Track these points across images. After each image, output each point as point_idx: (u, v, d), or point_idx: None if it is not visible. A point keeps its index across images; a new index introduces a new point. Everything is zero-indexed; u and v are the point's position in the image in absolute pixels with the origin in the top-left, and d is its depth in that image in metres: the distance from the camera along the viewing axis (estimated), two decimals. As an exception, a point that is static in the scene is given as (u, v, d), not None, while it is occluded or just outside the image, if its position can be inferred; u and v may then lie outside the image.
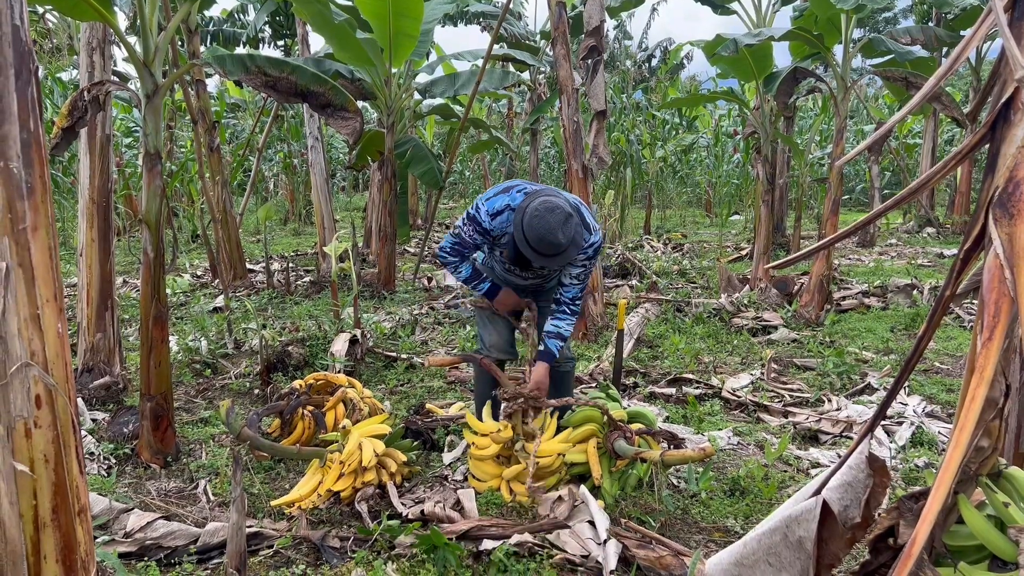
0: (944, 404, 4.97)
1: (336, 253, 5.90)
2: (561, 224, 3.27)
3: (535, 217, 3.29)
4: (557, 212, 3.28)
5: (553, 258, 3.37)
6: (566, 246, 3.33)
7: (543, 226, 3.27)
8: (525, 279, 3.88)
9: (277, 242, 14.56)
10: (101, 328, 4.78)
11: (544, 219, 3.27)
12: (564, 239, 3.29)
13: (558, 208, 3.29)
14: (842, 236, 1.93)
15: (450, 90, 8.73)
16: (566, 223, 3.29)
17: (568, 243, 3.32)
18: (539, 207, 3.31)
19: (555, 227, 3.26)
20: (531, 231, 3.30)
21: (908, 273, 9.42)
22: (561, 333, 3.74)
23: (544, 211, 3.28)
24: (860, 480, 1.87)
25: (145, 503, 3.59)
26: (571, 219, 3.32)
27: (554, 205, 3.30)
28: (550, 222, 3.26)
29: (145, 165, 3.74)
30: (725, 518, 3.47)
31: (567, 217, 3.30)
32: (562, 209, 3.29)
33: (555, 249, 3.31)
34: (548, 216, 3.27)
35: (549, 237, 3.27)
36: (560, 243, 3.29)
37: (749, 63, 7.88)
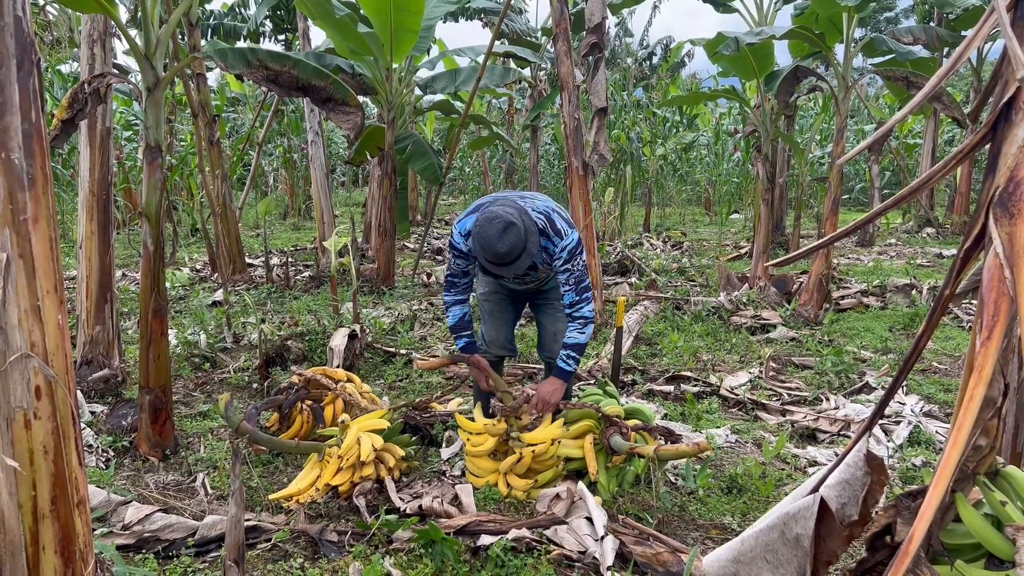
0: (942, 404, 4.98)
1: (336, 248, 5.90)
2: (499, 234, 3.31)
3: (478, 229, 3.36)
4: (496, 222, 3.32)
5: (507, 266, 3.41)
6: (513, 254, 3.35)
7: (483, 237, 3.33)
8: (520, 284, 3.91)
9: (276, 237, 14.56)
10: (100, 321, 4.78)
11: (483, 230, 3.33)
12: (504, 247, 3.31)
13: (497, 218, 3.32)
14: (841, 235, 1.94)
15: (451, 86, 8.73)
16: (505, 232, 3.31)
17: (512, 250, 3.33)
18: (481, 219, 3.37)
19: (493, 237, 3.31)
20: (476, 244, 3.38)
21: (907, 273, 9.42)
22: (578, 343, 3.67)
23: (484, 222, 3.35)
24: (858, 478, 1.88)
25: (143, 496, 3.60)
26: (512, 228, 3.32)
27: (495, 215, 3.33)
28: (489, 233, 3.32)
29: (145, 158, 3.74)
30: (722, 515, 3.48)
31: (507, 226, 3.31)
32: (502, 218, 3.32)
33: (502, 259, 3.35)
34: (487, 227, 3.33)
35: (491, 247, 3.32)
36: (501, 252, 3.32)
37: (750, 61, 7.88)
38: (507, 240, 3.32)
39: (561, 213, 3.67)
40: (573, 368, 3.69)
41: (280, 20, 13.34)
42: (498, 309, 4.06)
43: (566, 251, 3.57)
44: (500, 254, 3.33)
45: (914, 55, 7.33)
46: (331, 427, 4.12)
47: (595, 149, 6.66)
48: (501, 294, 4.05)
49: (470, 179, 23.35)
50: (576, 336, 3.66)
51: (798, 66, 7.59)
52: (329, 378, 4.44)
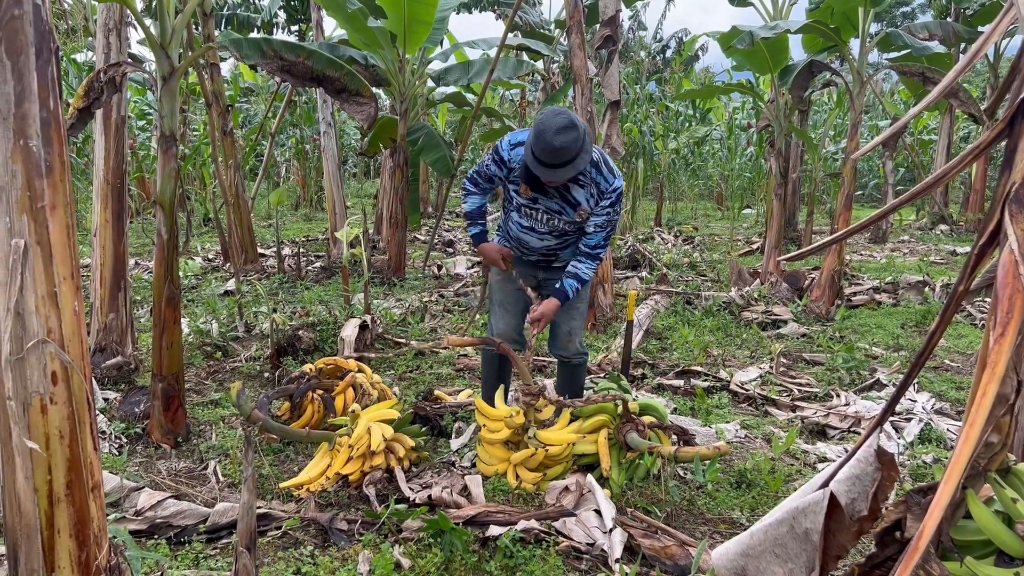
0: (953, 401, 4.96)
1: (347, 239, 5.91)
2: (562, 127, 3.22)
3: (539, 123, 3.29)
4: (561, 116, 3.26)
5: (556, 168, 3.30)
6: (567, 154, 3.24)
7: (544, 125, 3.25)
8: (540, 239, 3.83)
9: (288, 227, 14.60)
10: (114, 308, 4.82)
11: (546, 119, 3.26)
12: (560, 142, 3.21)
13: (563, 114, 3.27)
14: (855, 230, 1.93)
15: (464, 78, 8.71)
16: (568, 129, 3.22)
17: (567, 146, 3.23)
18: (544, 117, 3.29)
19: (554, 128, 3.22)
20: (537, 141, 3.27)
21: (920, 270, 9.36)
22: (580, 275, 3.74)
23: (550, 114, 3.29)
24: (868, 473, 1.88)
25: (156, 482, 3.63)
26: (575, 128, 3.24)
27: (562, 111, 3.29)
28: (551, 123, 3.23)
29: (160, 147, 3.76)
30: (731, 510, 3.48)
31: (571, 123, 3.24)
32: (568, 115, 3.26)
33: (555, 155, 3.24)
34: (552, 118, 3.25)
35: (548, 136, 3.21)
36: (556, 146, 3.21)
37: (765, 56, 7.84)
38: (567, 136, 3.22)
39: (609, 159, 3.67)
40: (572, 294, 3.78)
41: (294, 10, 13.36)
42: (509, 299, 4.03)
43: (616, 193, 3.58)
44: (555, 148, 3.22)
45: (930, 50, 7.27)
46: (342, 416, 4.15)
47: (608, 142, 6.64)
48: (513, 286, 4.00)
49: (481, 172, 23.34)
50: (589, 272, 3.76)
51: (813, 61, 7.54)
52: (340, 368, 4.47)
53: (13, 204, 1.84)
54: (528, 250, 3.94)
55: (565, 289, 3.75)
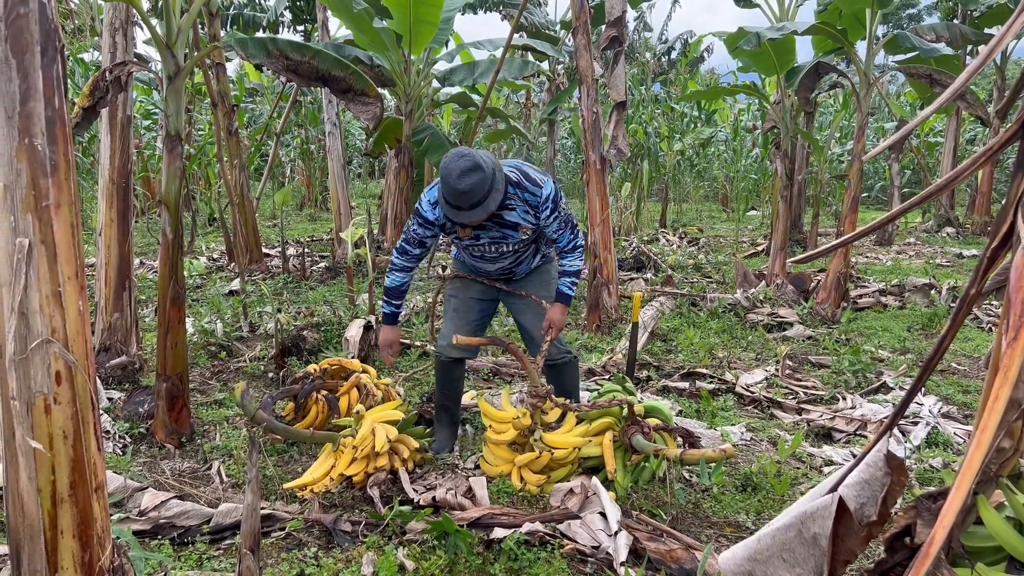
0: (960, 405, 4.93)
1: (352, 239, 5.91)
2: (464, 171, 3.20)
3: (443, 168, 3.27)
4: (464, 158, 3.24)
5: (467, 211, 3.28)
6: (474, 196, 3.23)
7: (446, 169, 3.24)
8: (493, 262, 3.82)
9: (293, 227, 14.61)
10: (118, 308, 4.82)
11: (449, 163, 3.25)
12: (465, 186, 3.19)
13: (466, 155, 3.25)
14: (862, 234, 1.91)
15: (469, 79, 8.70)
16: (471, 171, 3.21)
17: (473, 190, 3.21)
18: (450, 155, 3.29)
19: (456, 171, 3.21)
20: (443, 182, 3.26)
21: (926, 272, 9.32)
22: (570, 270, 3.78)
23: (452, 156, 3.27)
24: (877, 478, 1.86)
25: (159, 482, 3.62)
26: (478, 169, 3.22)
27: (464, 152, 3.27)
28: (453, 169, 3.22)
29: (165, 146, 3.75)
30: (737, 513, 3.46)
31: (474, 165, 3.22)
32: (470, 156, 3.25)
33: (463, 199, 3.23)
34: (453, 161, 3.24)
35: (455, 184, 3.20)
36: (462, 191, 3.20)
37: (771, 57, 7.82)
38: (471, 178, 3.21)
39: (531, 166, 3.64)
40: (573, 292, 3.82)
41: (299, 11, 13.36)
42: (463, 307, 3.98)
43: (550, 200, 3.55)
44: (459, 192, 3.21)
45: (938, 52, 7.24)
46: (346, 417, 4.14)
47: (613, 143, 6.63)
48: (470, 294, 3.97)
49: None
50: (576, 264, 3.79)
51: (819, 62, 7.52)
52: (344, 369, 4.46)
53: (18, 203, 1.84)
54: (486, 273, 3.94)
55: (564, 291, 3.80)
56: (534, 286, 3.97)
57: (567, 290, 3.80)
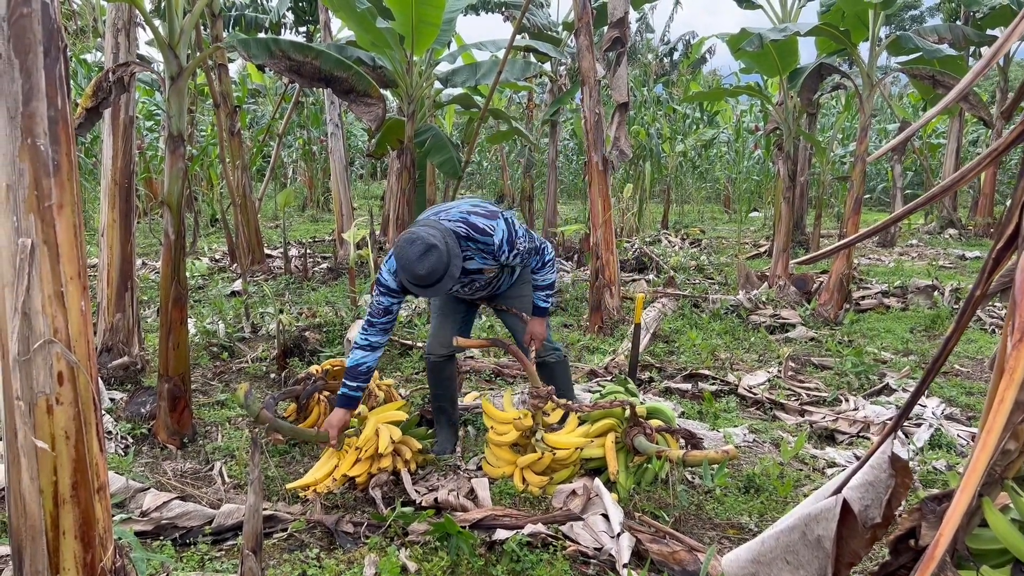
0: (964, 407, 4.92)
1: (354, 240, 5.90)
2: (419, 256, 3.25)
3: (398, 251, 3.32)
4: (416, 244, 3.26)
5: (429, 288, 3.34)
6: (434, 276, 3.27)
7: (403, 258, 3.29)
8: (470, 293, 3.87)
9: (295, 228, 14.62)
10: (120, 308, 4.82)
11: (403, 252, 3.29)
12: (423, 269, 3.24)
13: (418, 239, 3.26)
14: (866, 235, 1.91)
15: (471, 80, 8.69)
16: (426, 254, 3.24)
17: (433, 271, 3.26)
18: (402, 241, 3.32)
19: (413, 259, 3.25)
20: (401, 267, 3.31)
21: (929, 274, 9.31)
22: (542, 285, 3.86)
23: (404, 244, 3.30)
24: (882, 480, 1.85)
25: (161, 483, 3.62)
26: (433, 250, 3.25)
27: (415, 236, 3.28)
28: (408, 254, 3.27)
29: (168, 147, 3.75)
30: (739, 515, 3.45)
31: (427, 248, 3.25)
32: (423, 240, 3.26)
33: (422, 280, 3.29)
34: (407, 249, 3.28)
35: (410, 268, 3.26)
36: (420, 274, 3.26)
37: (774, 58, 7.81)
38: (427, 262, 3.25)
39: (478, 210, 3.57)
40: (549, 304, 3.92)
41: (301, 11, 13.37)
42: (448, 306, 4.03)
43: (505, 243, 3.52)
44: (420, 276, 3.26)
45: (941, 53, 7.24)
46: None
47: (615, 144, 6.63)
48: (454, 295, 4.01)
49: (488, 174, 23.33)
50: (550, 277, 3.86)
51: (822, 63, 7.51)
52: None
53: (20, 203, 1.84)
54: (463, 296, 3.97)
55: (541, 306, 3.90)
56: (515, 300, 4.00)
57: (543, 303, 3.90)
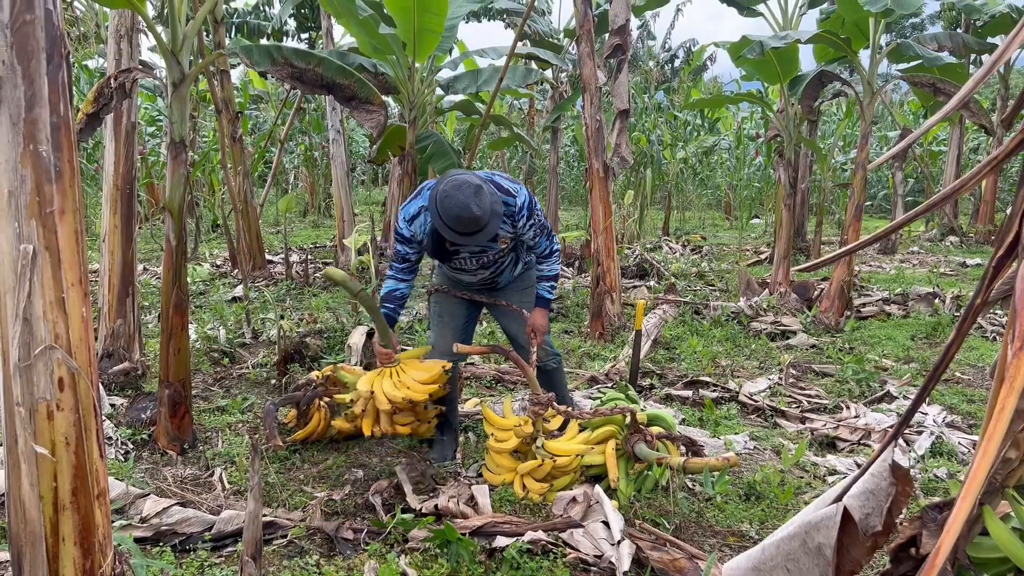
0: (965, 415, 4.91)
1: (356, 246, 5.90)
2: (473, 196, 3.20)
3: (445, 197, 3.23)
4: (466, 187, 3.22)
5: (476, 235, 3.30)
6: (485, 218, 3.24)
7: (455, 204, 3.20)
8: (473, 274, 3.83)
9: (296, 234, 14.63)
10: (122, 314, 4.82)
11: (453, 197, 3.21)
12: (479, 210, 3.21)
13: (465, 184, 3.23)
14: (869, 242, 1.91)
15: (473, 86, 8.71)
16: (478, 194, 3.22)
17: (485, 214, 3.24)
18: (447, 187, 3.25)
19: (466, 201, 3.19)
20: (446, 212, 3.24)
21: (930, 281, 9.31)
22: (548, 275, 3.85)
23: (452, 189, 3.23)
24: (882, 488, 1.85)
25: (161, 489, 3.61)
26: (482, 189, 3.24)
27: (461, 181, 3.24)
28: (460, 199, 3.20)
29: (170, 153, 3.76)
30: (740, 522, 3.45)
31: (477, 188, 3.22)
32: (469, 182, 3.23)
33: (475, 225, 3.24)
34: (457, 193, 3.21)
35: (464, 213, 3.20)
36: (477, 215, 3.21)
37: (775, 65, 7.82)
38: (481, 202, 3.22)
39: (501, 175, 3.63)
40: (552, 296, 3.91)
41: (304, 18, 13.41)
42: (447, 313, 4.01)
43: (525, 207, 3.54)
44: (473, 218, 3.21)
45: (942, 61, 7.25)
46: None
47: (617, 151, 6.63)
48: (454, 299, 4.00)
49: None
50: (555, 268, 3.86)
51: (823, 71, 7.52)
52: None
53: (22, 209, 1.84)
54: (466, 285, 3.96)
55: (545, 296, 3.88)
56: (515, 295, 4.00)
57: (547, 294, 3.88)
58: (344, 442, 4.30)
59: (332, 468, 3.98)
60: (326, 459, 4.09)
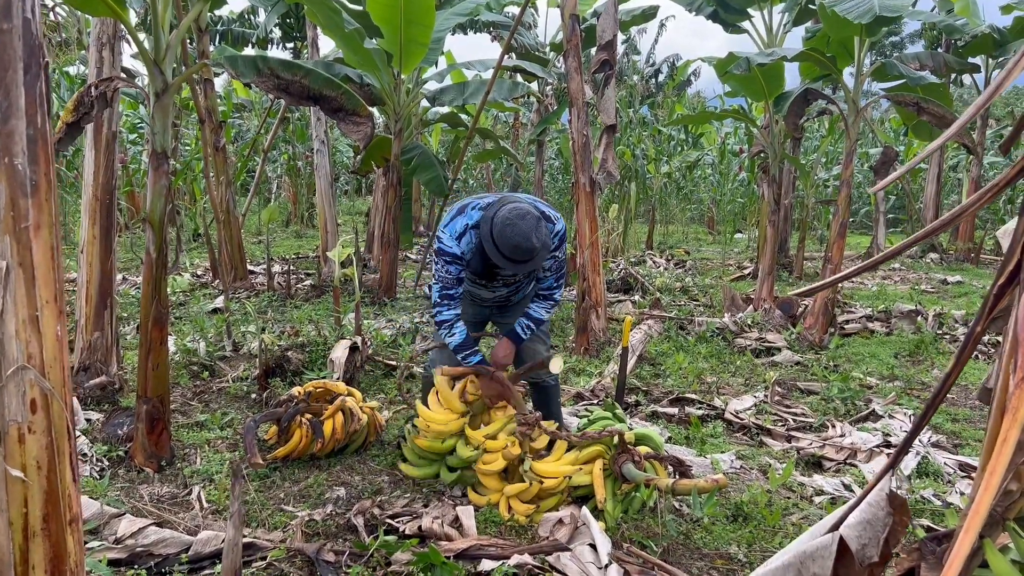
0: (950, 434, 4.91)
1: (339, 258, 5.83)
2: (534, 229, 3.35)
3: (508, 225, 3.34)
4: (528, 218, 3.35)
5: (527, 263, 3.44)
6: (539, 249, 3.39)
7: (517, 234, 3.32)
8: (493, 291, 3.88)
9: (278, 244, 14.50)
10: (99, 327, 4.72)
11: (517, 227, 3.32)
12: (538, 243, 3.36)
13: (528, 214, 3.36)
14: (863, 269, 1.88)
15: (459, 99, 8.69)
16: (538, 227, 3.37)
17: (541, 246, 3.39)
18: (509, 215, 3.35)
19: (529, 233, 3.33)
20: (504, 240, 3.34)
21: (911, 299, 9.34)
22: (533, 316, 3.84)
23: (515, 218, 3.34)
24: (879, 518, 1.81)
25: (137, 508, 3.52)
26: (541, 222, 3.40)
27: (524, 212, 3.37)
28: (523, 229, 3.32)
29: (151, 164, 3.69)
30: (728, 545, 3.40)
31: (537, 221, 3.37)
32: (531, 214, 3.37)
33: (529, 255, 3.38)
34: (520, 223, 3.33)
35: (524, 244, 3.33)
36: (535, 247, 3.36)
37: (760, 82, 7.85)
38: (540, 235, 3.38)
39: (541, 202, 3.72)
40: (525, 336, 3.86)
41: (289, 28, 13.33)
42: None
43: (558, 237, 3.64)
44: (530, 249, 3.35)
45: (925, 80, 7.30)
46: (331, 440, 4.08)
47: (603, 166, 6.62)
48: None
49: (473, 191, 23.32)
50: (543, 313, 3.85)
51: (808, 88, 7.56)
52: (329, 392, 4.38)
53: (-5, 224, 1.77)
54: (480, 299, 3.98)
55: (517, 331, 3.86)
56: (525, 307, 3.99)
57: (521, 332, 3.86)
58: (326, 459, 4.22)
59: (313, 486, 3.90)
60: (307, 477, 4.02)
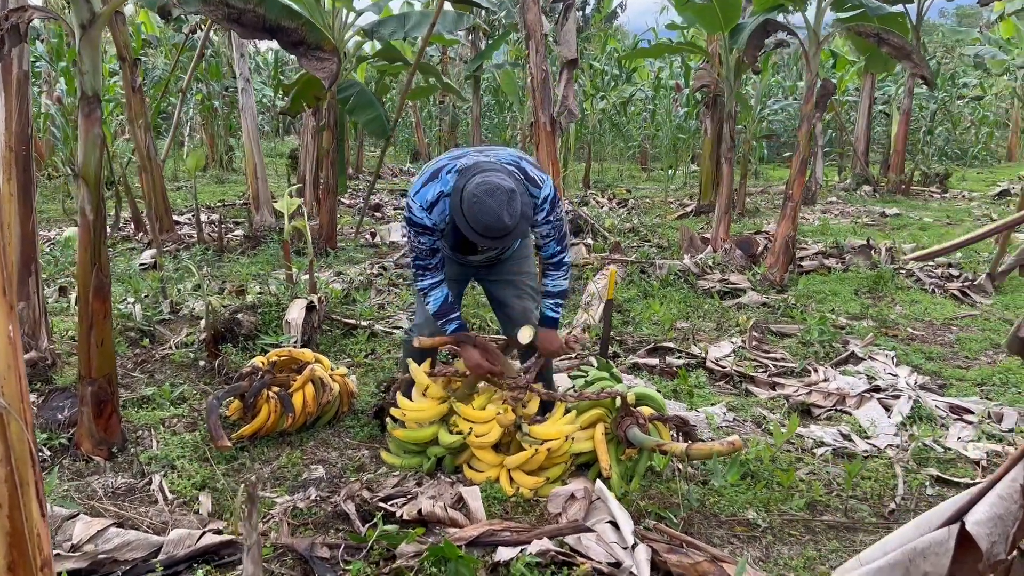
0: (931, 374, 4.87)
1: (289, 210, 5.35)
2: (506, 205, 2.95)
3: (475, 203, 2.95)
4: (498, 194, 2.94)
5: (503, 239, 3.09)
6: (514, 226, 3.02)
7: (486, 212, 2.94)
8: (479, 254, 3.55)
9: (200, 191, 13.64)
10: (24, 296, 4.16)
11: (485, 204, 2.94)
12: (511, 220, 2.98)
13: (498, 189, 2.95)
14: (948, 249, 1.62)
15: (400, 31, 8.07)
16: (510, 202, 2.97)
17: (516, 222, 3.01)
18: (477, 191, 2.95)
19: (499, 211, 2.94)
20: (474, 218, 2.97)
21: (855, 232, 9.39)
22: (555, 291, 3.52)
23: (483, 195, 2.94)
24: (1011, 512, 1.60)
25: (92, 506, 3.10)
26: (515, 195, 2.99)
27: (494, 186, 2.95)
28: (491, 207, 2.93)
29: (81, 110, 3.15)
30: (744, 509, 3.22)
31: (510, 194, 2.97)
32: (503, 188, 2.95)
33: (504, 231, 3.01)
34: (488, 201, 2.93)
35: (495, 224, 2.96)
36: (508, 226, 2.98)
37: (716, 13, 7.56)
38: (513, 210, 2.98)
39: (529, 159, 3.35)
40: (560, 315, 3.57)
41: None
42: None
43: (547, 201, 3.28)
44: (503, 227, 2.99)
45: (884, 10, 7.14)
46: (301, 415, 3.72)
47: (563, 104, 6.24)
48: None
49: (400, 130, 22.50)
50: (562, 283, 3.51)
51: (767, 19, 7.28)
52: (296, 360, 4.00)
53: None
54: (466, 261, 3.62)
55: (550, 316, 3.53)
56: (514, 264, 3.69)
57: (553, 313, 3.53)
58: (296, 434, 3.85)
59: (287, 466, 3.55)
60: (279, 456, 3.65)
